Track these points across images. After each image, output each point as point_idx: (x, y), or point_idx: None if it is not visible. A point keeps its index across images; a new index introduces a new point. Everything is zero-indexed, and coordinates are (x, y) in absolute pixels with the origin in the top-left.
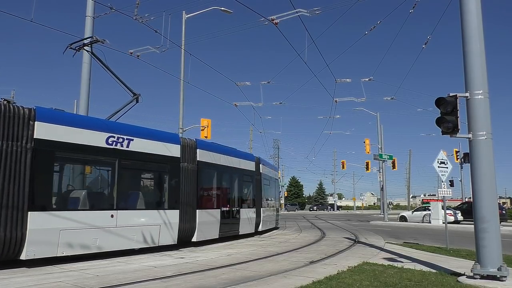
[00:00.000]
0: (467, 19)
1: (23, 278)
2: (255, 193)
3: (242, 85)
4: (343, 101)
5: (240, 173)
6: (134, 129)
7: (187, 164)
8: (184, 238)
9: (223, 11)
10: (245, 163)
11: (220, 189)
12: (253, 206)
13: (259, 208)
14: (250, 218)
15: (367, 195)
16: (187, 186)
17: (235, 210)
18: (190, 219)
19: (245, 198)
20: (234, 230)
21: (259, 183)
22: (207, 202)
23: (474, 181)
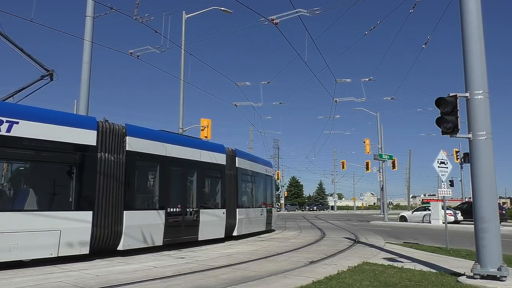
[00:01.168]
0: (467, 19)
1: (23, 278)
2: (226, 191)
3: (242, 85)
4: (343, 101)
5: (201, 167)
6: (24, 110)
7: (108, 154)
8: (105, 246)
9: (223, 11)
10: (209, 156)
11: (166, 186)
12: (223, 206)
13: (233, 208)
14: (217, 221)
15: (367, 195)
16: (108, 182)
17: (192, 211)
18: (112, 223)
19: (209, 197)
20: (190, 234)
21: (234, 179)
22: (143, 201)
23: (474, 181)
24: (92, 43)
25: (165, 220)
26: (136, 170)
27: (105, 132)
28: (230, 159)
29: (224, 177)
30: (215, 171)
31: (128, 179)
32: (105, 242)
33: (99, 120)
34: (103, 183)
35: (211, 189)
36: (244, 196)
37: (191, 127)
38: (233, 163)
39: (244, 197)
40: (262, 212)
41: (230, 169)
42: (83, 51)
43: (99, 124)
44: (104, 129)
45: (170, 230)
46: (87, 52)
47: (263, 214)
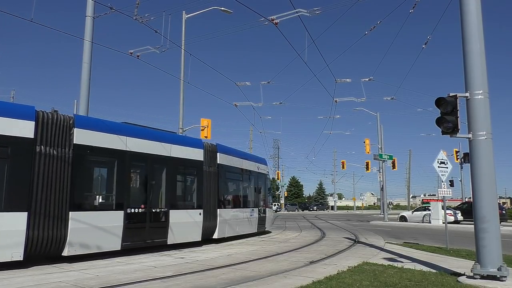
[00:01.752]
0: (467, 19)
1: (23, 278)
2: (205, 189)
3: (242, 85)
4: (343, 101)
5: (171, 164)
6: None
7: (50, 148)
8: (45, 252)
9: (223, 11)
10: (182, 151)
11: (126, 184)
12: (200, 206)
13: (213, 209)
14: (191, 222)
15: (367, 195)
16: (49, 179)
17: (160, 211)
18: (54, 225)
19: (181, 196)
20: (157, 237)
21: (214, 177)
22: (94, 201)
23: (474, 181)
24: (92, 43)
25: (124, 222)
26: (86, 166)
27: (45, 123)
28: (210, 155)
29: (202, 174)
30: (190, 167)
31: (76, 176)
32: (45, 247)
33: (40, 110)
34: (43, 180)
35: (184, 188)
36: (227, 195)
37: (191, 127)
38: (213, 160)
39: (228, 196)
40: (253, 213)
41: (210, 166)
42: (83, 51)
43: (39, 114)
44: (45, 119)
45: (130, 233)
46: (87, 52)
47: (254, 215)
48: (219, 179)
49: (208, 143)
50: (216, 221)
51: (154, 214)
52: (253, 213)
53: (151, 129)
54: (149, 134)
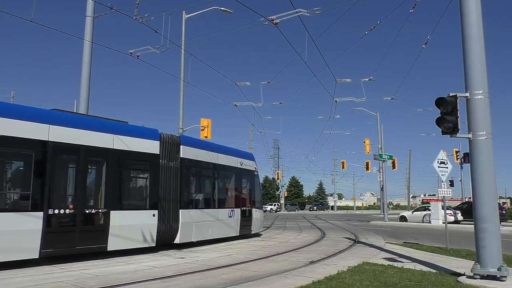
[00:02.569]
0: (467, 19)
1: (23, 278)
2: (162, 187)
3: (242, 85)
4: (343, 101)
5: (114, 157)
6: None
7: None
8: None
9: (223, 11)
10: (128, 143)
11: (46, 180)
12: (154, 206)
13: (173, 209)
14: (141, 225)
15: (367, 195)
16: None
17: (96, 212)
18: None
19: (128, 195)
20: (93, 243)
21: (176, 172)
22: (1, 200)
23: (474, 181)
24: (92, 43)
25: (44, 225)
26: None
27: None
28: (169, 148)
29: (158, 170)
30: (140, 162)
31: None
32: None
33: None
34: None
35: (132, 185)
36: (196, 194)
37: (191, 127)
38: (174, 153)
39: (197, 195)
40: (233, 214)
41: (169, 160)
42: (83, 51)
43: None
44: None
45: (53, 238)
46: (87, 52)
47: (235, 216)
48: (182, 175)
49: (167, 134)
50: (178, 224)
51: (88, 216)
52: (234, 214)
53: (89, 117)
54: (82, 122)
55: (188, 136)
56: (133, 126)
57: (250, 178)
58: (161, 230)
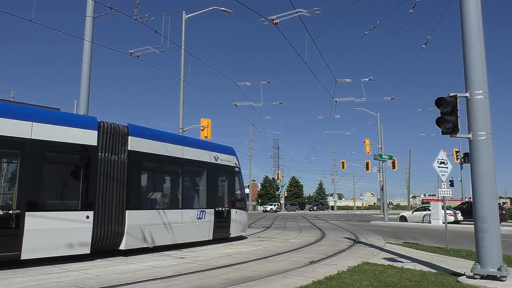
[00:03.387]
0: (467, 19)
1: (23, 278)
2: (99, 184)
3: (242, 85)
4: (343, 101)
5: (32, 149)
6: None
7: None
8: None
9: (223, 11)
10: (52, 132)
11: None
12: (89, 207)
13: (116, 210)
14: (69, 229)
15: (367, 195)
16: None
17: (8, 215)
18: None
19: (50, 194)
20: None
21: (121, 167)
22: None
23: (474, 181)
24: (92, 43)
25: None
26: None
27: None
28: (113, 139)
29: (95, 164)
30: (70, 155)
31: None
32: None
33: None
34: None
35: (58, 183)
36: (150, 192)
37: (191, 127)
38: (120, 145)
39: (152, 194)
40: (203, 215)
41: (113, 153)
42: (83, 51)
43: None
44: None
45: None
46: (87, 52)
47: (206, 217)
48: (130, 170)
49: (109, 123)
50: (123, 227)
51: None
52: (205, 215)
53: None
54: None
55: (141, 126)
56: (63, 113)
57: (229, 174)
58: (97, 234)
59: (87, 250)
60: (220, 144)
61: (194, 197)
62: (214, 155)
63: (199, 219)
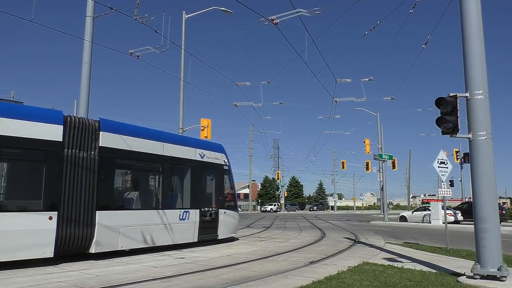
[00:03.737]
0: (467, 19)
1: (23, 278)
2: (64, 183)
3: (242, 85)
4: (343, 101)
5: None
6: None
7: None
8: None
9: (223, 11)
10: (8, 126)
11: None
12: (52, 207)
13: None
14: (29, 231)
15: (367, 195)
16: None
17: None
18: None
19: (5, 194)
20: None
21: (90, 165)
22: None
23: (474, 181)
24: (92, 43)
25: None
26: None
27: None
28: (81, 134)
29: (60, 161)
30: (30, 151)
31: None
32: None
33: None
34: None
35: (15, 181)
36: (125, 192)
37: (191, 127)
38: (90, 141)
39: (127, 193)
40: (187, 216)
41: (81, 150)
42: (83, 51)
43: None
44: None
45: None
46: (87, 52)
47: (190, 218)
48: (101, 168)
49: (78, 118)
50: (92, 229)
51: None
52: (188, 216)
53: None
54: None
55: (114, 121)
56: (25, 107)
57: (217, 173)
58: (62, 236)
59: (50, 254)
60: (207, 141)
61: (177, 197)
62: (199, 152)
63: (182, 220)
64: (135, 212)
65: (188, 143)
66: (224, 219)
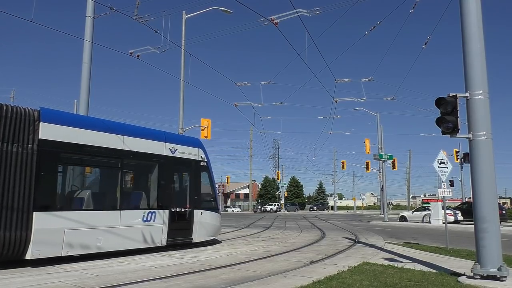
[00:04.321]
0: (467, 19)
1: (24, 278)
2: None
3: (242, 85)
4: (343, 101)
5: None
6: None
7: None
8: None
9: (223, 11)
10: None
11: None
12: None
13: (18, 212)
14: None
15: (367, 195)
16: None
17: None
18: None
19: None
20: None
21: (27, 160)
22: None
23: (474, 181)
24: (92, 43)
25: None
26: None
27: None
28: (16, 126)
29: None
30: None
31: None
32: None
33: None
34: None
35: None
36: (74, 191)
37: (191, 127)
38: (26, 133)
39: (77, 193)
40: (153, 217)
41: (14, 143)
42: (83, 51)
43: None
44: None
45: None
46: (87, 52)
47: (157, 220)
48: (40, 164)
49: (10, 106)
50: (28, 232)
51: None
52: (155, 217)
53: None
54: None
55: (59, 111)
56: None
57: (192, 170)
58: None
59: None
60: (181, 135)
61: (140, 197)
62: (170, 147)
63: (147, 221)
64: (86, 213)
65: (155, 137)
66: (200, 220)
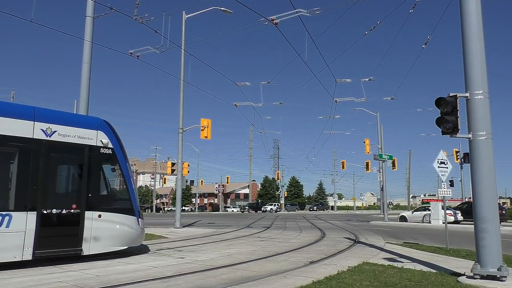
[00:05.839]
0: (467, 19)
1: (23, 278)
2: None
3: (242, 85)
4: (343, 101)
5: None
6: None
7: None
8: None
9: (223, 11)
10: None
11: None
12: None
13: None
14: None
15: (367, 195)
16: None
17: None
18: None
19: None
20: None
21: None
22: None
23: (474, 181)
24: (92, 43)
25: None
26: None
27: None
28: None
29: None
30: None
31: None
32: None
33: None
34: None
35: None
36: None
37: (191, 127)
38: None
39: None
40: (5, 223)
41: None
42: (83, 51)
43: None
44: None
45: None
46: (87, 52)
47: (13, 226)
48: None
49: None
50: None
51: None
52: (10, 222)
53: None
54: None
55: None
56: None
57: (84, 158)
58: None
59: None
60: (67, 112)
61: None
62: (43, 127)
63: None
64: None
65: (15, 114)
66: (99, 225)
